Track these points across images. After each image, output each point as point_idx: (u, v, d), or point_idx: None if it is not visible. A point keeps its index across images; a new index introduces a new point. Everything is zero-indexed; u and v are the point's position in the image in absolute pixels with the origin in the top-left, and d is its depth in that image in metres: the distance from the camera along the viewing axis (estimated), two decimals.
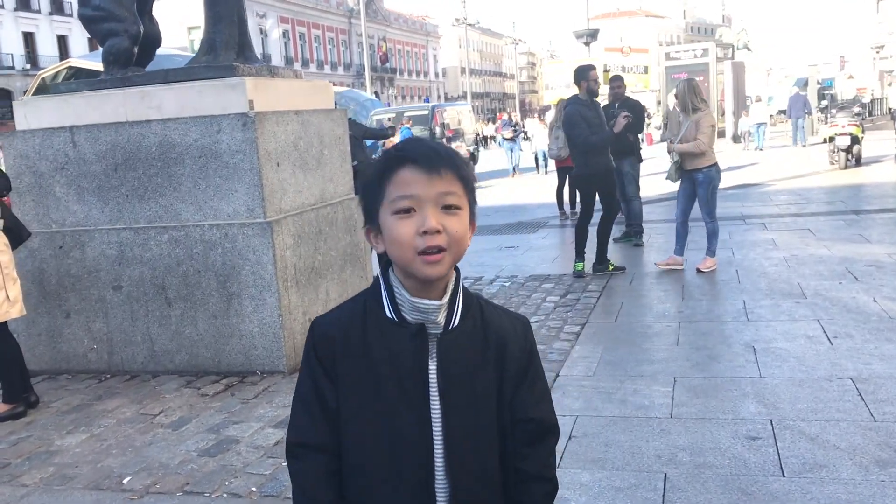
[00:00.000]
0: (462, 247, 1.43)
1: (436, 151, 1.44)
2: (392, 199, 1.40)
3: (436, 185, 1.39)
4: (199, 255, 5.35)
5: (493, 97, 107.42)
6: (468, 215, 1.45)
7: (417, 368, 1.44)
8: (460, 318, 1.48)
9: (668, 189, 13.10)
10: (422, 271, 1.40)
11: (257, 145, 5.16)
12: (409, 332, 1.44)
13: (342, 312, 1.53)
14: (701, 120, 7.62)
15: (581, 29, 24.90)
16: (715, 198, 7.84)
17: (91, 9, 5.69)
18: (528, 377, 1.54)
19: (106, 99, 5.53)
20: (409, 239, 1.38)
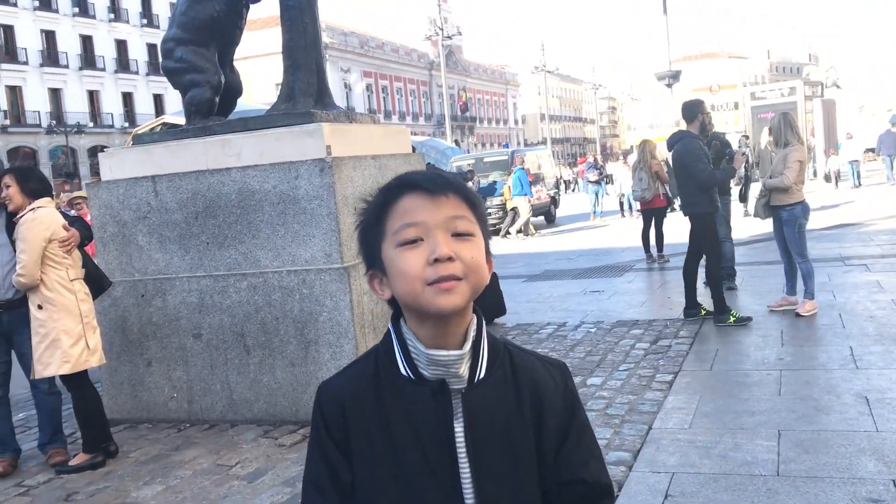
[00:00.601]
0: (480, 277, 1.22)
1: (438, 175, 1.25)
2: (395, 231, 1.21)
3: (443, 209, 1.20)
4: (277, 301, 5.29)
5: (573, 142, 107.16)
6: (482, 244, 1.24)
7: (441, 431, 1.23)
8: (486, 369, 1.26)
9: (761, 230, 12.61)
10: (434, 303, 1.18)
11: (335, 190, 5.09)
12: (428, 389, 1.23)
13: (352, 373, 1.33)
14: (789, 154, 7.27)
15: (663, 71, 24.52)
16: (804, 237, 7.41)
17: (173, 61, 5.79)
18: (572, 432, 1.31)
19: (187, 148, 5.58)
20: (417, 270, 1.18)
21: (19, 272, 4.56)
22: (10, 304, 4.81)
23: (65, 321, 4.63)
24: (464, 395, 1.24)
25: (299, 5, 5.60)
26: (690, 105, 7.78)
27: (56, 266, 4.64)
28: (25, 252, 4.54)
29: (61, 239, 4.64)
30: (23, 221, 4.59)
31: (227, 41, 5.93)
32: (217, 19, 5.75)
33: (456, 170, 20.47)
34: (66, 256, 4.69)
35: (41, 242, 4.57)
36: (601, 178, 22.67)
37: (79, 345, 4.66)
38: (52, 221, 4.65)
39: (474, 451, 1.23)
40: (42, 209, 4.65)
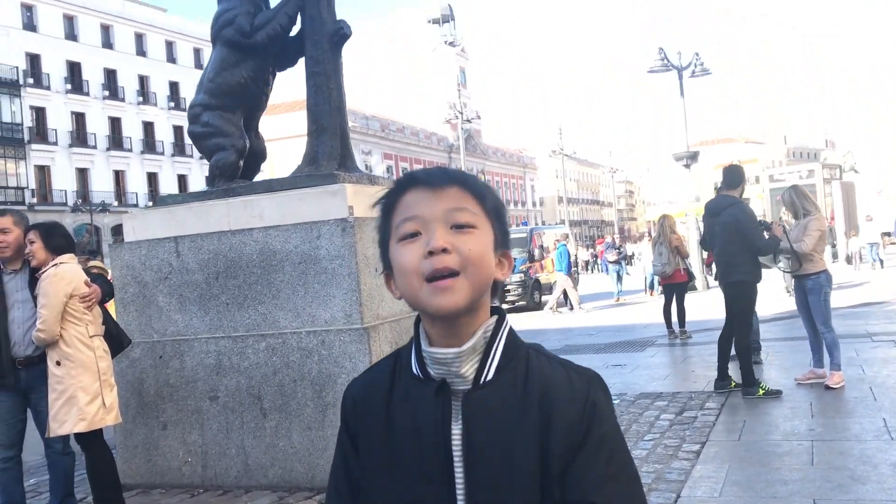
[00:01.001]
0: (481, 270, 1.16)
1: (443, 170, 1.22)
2: (396, 226, 1.19)
3: (442, 201, 1.17)
4: (295, 363, 5.22)
5: (590, 224, 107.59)
6: (489, 238, 1.19)
7: (438, 433, 1.16)
8: (496, 371, 1.18)
9: (785, 307, 12.45)
10: (432, 303, 1.14)
11: (356, 250, 5.08)
12: (432, 389, 1.18)
13: (372, 371, 1.31)
14: (809, 223, 7.23)
15: (681, 151, 24.73)
16: (828, 306, 7.28)
17: (200, 125, 5.89)
18: (588, 447, 1.16)
19: (210, 209, 5.62)
20: (414, 264, 1.14)
21: (39, 327, 4.53)
22: (30, 361, 4.76)
23: (82, 378, 4.57)
24: (464, 396, 1.17)
25: (325, 72, 5.71)
26: (735, 171, 7.64)
27: (76, 322, 4.61)
28: (46, 307, 4.52)
29: (83, 294, 4.63)
30: (45, 276, 4.59)
31: (253, 107, 6.04)
32: (244, 86, 5.87)
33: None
34: (86, 312, 4.66)
35: (62, 298, 4.55)
36: (620, 258, 22.57)
37: (95, 402, 4.58)
38: (73, 277, 4.64)
39: (469, 456, 1.16)
40: (65, 265, 4.65)
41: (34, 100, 46.30)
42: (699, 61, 23.55)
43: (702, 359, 9.49)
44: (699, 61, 23.55)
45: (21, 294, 4.80)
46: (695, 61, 23.61)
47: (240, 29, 5.72)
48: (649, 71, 23.35)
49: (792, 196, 7.59)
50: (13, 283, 4.87)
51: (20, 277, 4.86)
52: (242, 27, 5.71)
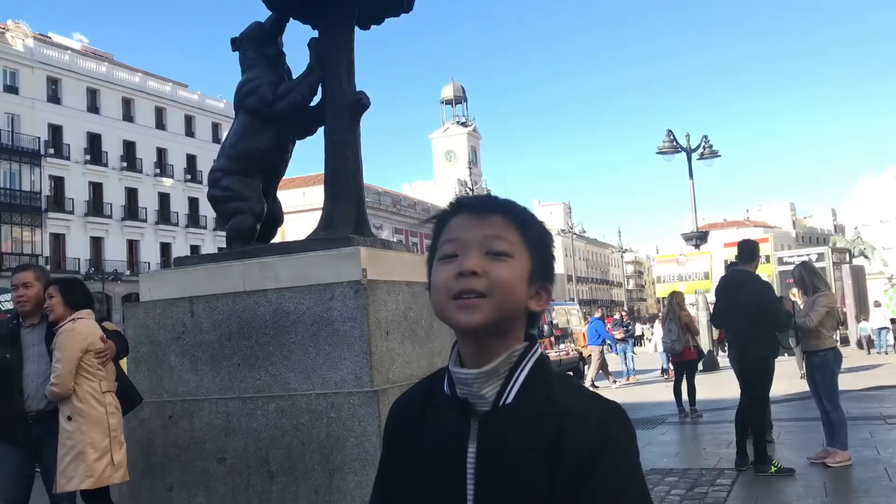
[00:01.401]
0: (509, 297, 1.21)
1: (490, 197, 1.30)
2: (440, 247, 1.28)
3: (482, 228, 1.25)
4: (304, 425, 5.20)
5: (600, 304, 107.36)
6: (525, 268, 1.24)
7: (456, 452, 1.21)
8: (516, 396, 1.22)
9: (798, 388, 12.33)
10: (455, 318, 1.21)
11: (368, 312, 5.12)
12: (456, 408, 1.23)
13: (413, 388, 1.38)
14: (818, 299, 7.25)
15: (690, 231, 24.90)
16: (835, 385, 7.25)
17: (219, 190, 6.01)
18: (597, 474, 1.13)
19: (226, 270, 5.70)
20: (445, 282, 1.22)
21: (53, 381, 4.57)
22: (42, 416, 4.78)
23: (92, 434, 4.59)
24: (482, 417, 1.22)
25: (343, 140, 5.86)
26: (750, 245, 7.70)
27: (90, 378, 4.65)
28: (61, 361, 4.57)
29: (97, 350, 4.67)
30: (62, 331, 4.65)
31: (272, 172, 6.17)
32: (264, 152, 6.01)
33: None
34: (100, 368, 4.71)
35: (77, 353, 4.60)
36: (628, 336, 22.16)
37: (104, 459, 4.59)
38: (89, 333, 4.70)
39: (480, 475, 1.19)
40: (82, 320, 4.72)
41: (53, 169, 47.25)
42: (708, 144, 23.91)
43: (713, 437, 9.39)
44: (708, 144, 23.91)
45: (37, 348, 4.86)
46: (703, 143, 23.98)
47: (262, 98, 5.90)
48: (658, 152, 23.71)
49: (802, 273, 7.64)
50: (30, 337, 4.93)
51: (38, 331, 4.93)
52: (265, 96, 5.89)
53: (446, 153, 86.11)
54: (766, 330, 7.15)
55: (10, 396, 4.90)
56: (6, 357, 4.96)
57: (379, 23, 6.46)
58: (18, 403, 4.82)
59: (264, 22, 6.15)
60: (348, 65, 6.03)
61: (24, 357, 4.87)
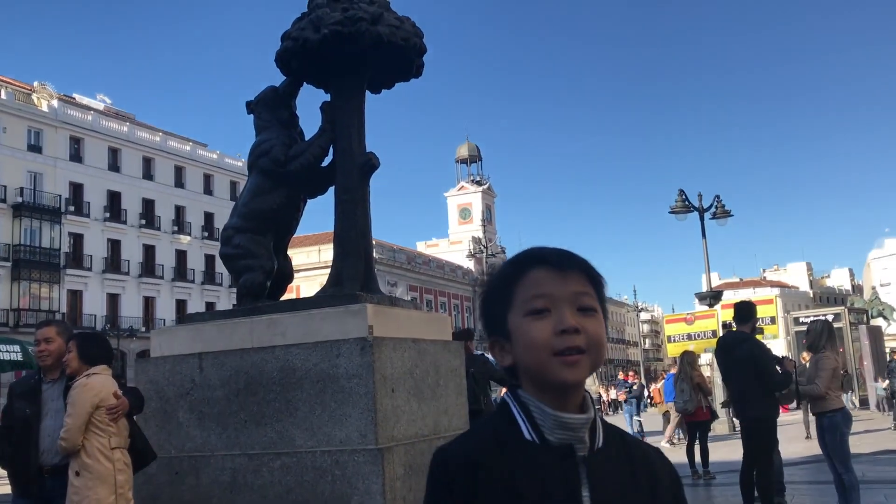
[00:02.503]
0: (602, 352, 1.30)
1: (567, 252, 1.36)
2: (525, 300, 1.30)
3: (570, 284, 1.30)
4: (308, 483, 5.21)
5: (616, 364, 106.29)
6: (604, 322, 1.33)
7: (570, 495, 1.25)
8: (603, 439, 1.31)
9: (813, 451, 12.15)
10: (559, 375, 1.26)
11: (374, 369, 5.18)
12: (557, 454, 1.26)
13: (471, 439, 1.37)
14: (821, 360, 7.22)
15: (704, 291, 24.82)
16: (846, 445, 7.16)
17: (231, 247, 6.15)
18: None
19: (235, 326, 5.79)
20: (545, 340, 1.27)
21: (62, 436, 4.62)
22: (56, 470, 4.82)
23: (98, 490, 4.59)
24: (588, 459, 1.27)
25: (353, 199, 6.00)
26: (745, 306, 7.75)
27: (99, 433, 4.67)
28: (71, 416, 4.62)
29: (109, 406, 4.73)
30: (75, 386, 4.72)
31: (283, 231, 6.31)
32: (275, 211, 6.16)
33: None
34: (110, 425, 4.73)
35: (88, 409, 4.64)
36: (631, 397, 21.16)
37: None
38: (101, 388, 4.75)
39: None
40: (96, 376, 4.78)
41: (73, 227, 47.93)
42: (720, 203, 24.00)
43: (725, 499, 9.26)
44: (720, 203, 24.00)
45: (56, 403, 4.93)
46: (716, 203, 24.07)
47: (275, 159, 6.07)
48: (670, 212, 23.81)
49: (822, 329, 7.63)
50: (50, 392, 5.02)
51: (58, 387, 5.01)
52: (277, 157, 6.06)
53: (461, 211, 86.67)
54: (760, 390, 7.12)
55: (27, 451, 4.96)
56: (26, 412, 5.04)
57: (389, 87, 6.65)
58: (35, 458, 4.88)
59: (279, 86, 6.36)
60: (359, 127, 6.21)
61: (42, 412, 4.95)
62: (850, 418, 7.32)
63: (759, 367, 7.10)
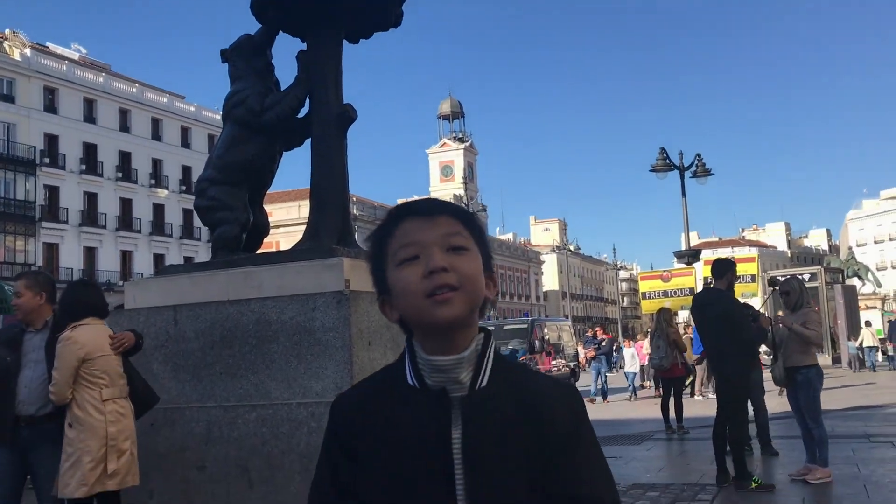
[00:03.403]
0: (477, 289, 1.29)
1: (434, 200, 1.37)
2: (395, 252, 1.31)
3: (438, 227, 1.31)
4: (284, 434, 5.22)
5: (594, 321, 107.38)
6: (480, 260, 1.32)
7: (440, 436, 1.26)
8: (489, 379, 1.29)
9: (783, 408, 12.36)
10: (433, 314, 1.26)
11: (350, 323, 5.16)
12: (431, 396, 1.28)
13: (365, 385, 1.41)
14: (809, 314, 7.35)
15: (683, 250, 25.00)
16: (818, 401, 7.31)
17: (206, 199, 6.06)
18: (573, 446, 1.30)
19: (210, 279, 5.73)
20: (416, 284, 1.27)
21: (50, 389, 4.63)
22: (33, 421, 4.81)
23: (89, 442, 4.56)
24: (462, 400, 1.27)
25: (329, 151, 5.92)
26: (722, 263, 7.77)
27: (89, 386, 4.63)
28: (57, 371, 4.59)
29: (114, 336, 4.77)
30: (60, 339, 4.67)
31: (258, 183, 6.22)
32: (251, 163, 6.06)
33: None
34: (101, 377, 4.66)
35: (73, 362, 4.60)
36: (599, 354, 20.53)
37: (97, 468, 4.55)
38: (87, 341, 4.68)
39: (469, 456, 1.25)
40: (84, 327, 4.71)
41: (49, 179, 47.25)
42: (701, 162, 24.05)
43: (698, 453, 9.40)
44: (701, 162, 24.05)
45: (36, 354, 4.89)
46: (696, 162, 24.11)
47: (250, 109, 5.96)
48: (651, 170, 23.84)
49: (801, 287, 7.75)
50: (31, 342, 4.99)
51: (39, 337, 4.97)
52: (252, 107, 5.95)
53: (443, 168, 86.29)
54: (735, 346, 7.18)
55: (4, 399, 4.92)
56: (6, 360, 4.99)
57: (368, 37, 6.52)
58: (9, 407, 4.85)
59: (254, 34, 6.21)
60: (336, 77, 6.09)
61: (22, 362, 4.91)
62: (822, 375, 7.43)
63: (734, 323, 7.16)
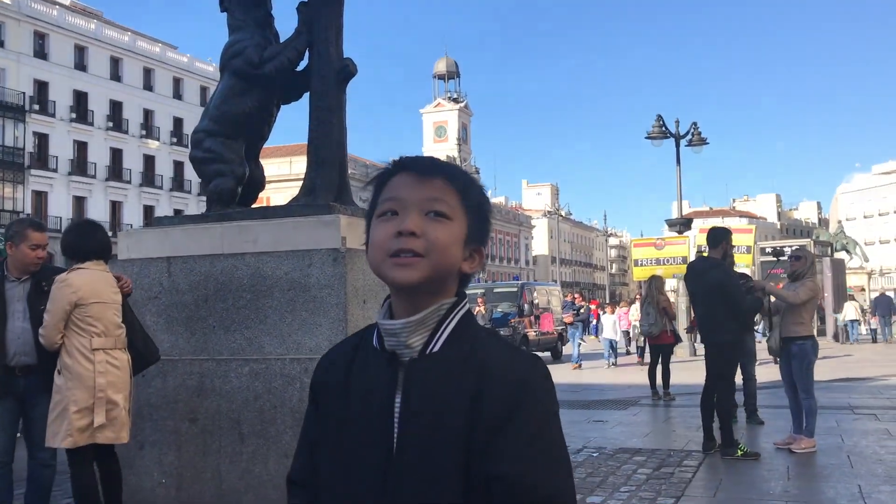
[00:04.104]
0: (444, 258, 1.25)
1: (433, 160, 1.33)
2: (381, 203, 1.30)
3: (424, 189, 1.27)
4: (277, 389, 5.23)
5: (582, 287, 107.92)
6: (462, 231, 1.28)
7: (383, 401, 1.25)
8: (442, 344, 1.26)
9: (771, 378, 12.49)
10: (390, 275, 1.26)
11: (346, 280, 5.14)
12: (385, 358, 1.27)
13: (343, 343, 1.41)
14: (807, 281, 7.37)
15: (674, 218, 25.01)
16: (811, 373, 7.38)
17: (201, 151, 5.97)
18: (514, 421, 1.18)
19: (205, 231, 5.68)
20: (383, 241, 1.25)
21: (40, 332, 4.54)
22: (29, 370, 4.76)
23: (76, 392, 4.44)
24: (407, 365, 1.25)
25: (328, 106, 5.83)
26: (716, 231, 7.79)
27: (80, 333, 4.50)
28: (49, 313, 4.49)
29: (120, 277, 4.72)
30: (56, 281, 4.57)
31: (255, 136, 6.14)
32: (248, 115, 5.97)
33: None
34: (92, 324, 4.53)
35: (65, 306, 4.46)
36: (577, 321, 20.68)
37: (84, 420, 4.45)
38: (81, 285, 4.54)
39: (403, 420, 1.23)
40: (81, 271, 4.61)
41: (38, 126, 46.69)
42: (697, 130, 23.95)
43: (684, 420, 9.51)
44: (697, 130, 23.95)
45: (20, 304, 4.82)
46: (692, 130, 24.02)
47: (249, 60, 5.85)
48: (647, 137, 23.74)
49: (812, 259, 7.80)
50: (13, 292, 4.90)
51: (23, 286, 4.89)
52: (251, 58, 5.84)
53: (437, 129, 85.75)
54: (728, 315, 7.20)
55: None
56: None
57: None
58: (1, 357, 4.81)
59: None
60: (337, 31, 5.98)
61: (7, 312, 4.84)
62: (818, 347, 7.50)
63: (728, 292, 7.18)
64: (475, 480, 1.18)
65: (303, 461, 1.39)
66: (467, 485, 1.18)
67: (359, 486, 1.24)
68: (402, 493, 1.20)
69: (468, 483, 1.18)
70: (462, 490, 1.18)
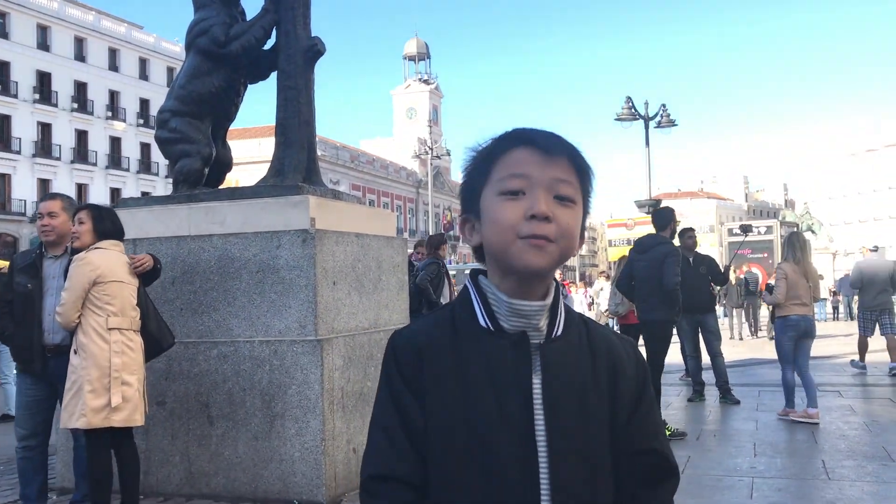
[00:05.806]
0: (571, 245, 1.23)
1: (558, 136, 1.26)
2: (500, 178, 1.22)
3: (552, 169, 1.21)
4: (246, 371, 5.20)
5: None
6: (581, 215, 1.25)
7: (520, 382, 1.21)
8: (564, 328, 1.26)
9: (743, 356, 12.66)
10: (522, 259, 1.19)
11: (315, 262, 5.11)
12: (509, 341, 1.23)
13: (427, 322, 1.33)
14: (777, 271, 7.77)
15: (643, 199, 25.18)
16: (782, 349, 7.96)
17: (167, 131, 5.89)
18: (644, 402, 1.32)
19: (171, 213, 5.61)
20: (513, 222, 1.19)
21: (57, 310, 4.44)
22: (60, 350, 4.65)
23: (90, 371, 4.34)
24: (542, 347, 1.24)
25: (296, 86, 5.77)
26: (661, 213, 7.94)
27: (96, 312, 4.40)
28: (67, 291, 4.39)
29: (133, 257, 4.62)
30: (75, 260, 4.46)
31: (222, 116, 6.06)
32: (214, 95, 5.90)
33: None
34: (109, 303, 4.42)
35: (84, 284, 4.36)
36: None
37: (99, 400, 4.33)
38: (101, 263, 4.43)
39: (550, 403, 1.22)
40: (99, 251, 4.48)
41: (0, 107, 45.71)
42: (665, 112, 24.08)
43: None
44: (665, 112, 24.08)
45: (57, 281, 4.69)
46: (661, 112, 24.13)
47: (214, 38, 5.77)
48: (616, 119, 23.81)
49: (787, 240, 8.02)
50: (52, 269, 4.82)
51: (60, 264, 4.79)
52: (217, 37, 5.76)
53: (407, 110, 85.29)
54: (662, 293, 7.11)
55: (31, 327, 4.76)
56: (27, 287, 4.80)
57: None
58: (37, 336, 4.71)
59: None
60: (304, 9, 5.91)
61: (44, 289, 4.75)
62: (789, 326, 7.66)
63: (665, 269, 7.08)
64: (619, 456, 1.28)
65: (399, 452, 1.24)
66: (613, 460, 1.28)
67: (505, 477, 1.19)
68: (567, 474, 1.21)
69: (614, 458, 1.28)
70: (612, 466, 1.28)
